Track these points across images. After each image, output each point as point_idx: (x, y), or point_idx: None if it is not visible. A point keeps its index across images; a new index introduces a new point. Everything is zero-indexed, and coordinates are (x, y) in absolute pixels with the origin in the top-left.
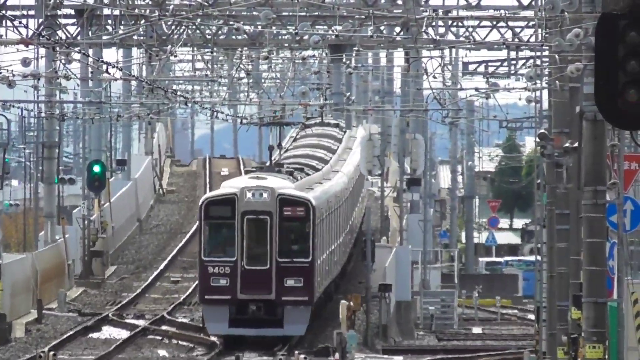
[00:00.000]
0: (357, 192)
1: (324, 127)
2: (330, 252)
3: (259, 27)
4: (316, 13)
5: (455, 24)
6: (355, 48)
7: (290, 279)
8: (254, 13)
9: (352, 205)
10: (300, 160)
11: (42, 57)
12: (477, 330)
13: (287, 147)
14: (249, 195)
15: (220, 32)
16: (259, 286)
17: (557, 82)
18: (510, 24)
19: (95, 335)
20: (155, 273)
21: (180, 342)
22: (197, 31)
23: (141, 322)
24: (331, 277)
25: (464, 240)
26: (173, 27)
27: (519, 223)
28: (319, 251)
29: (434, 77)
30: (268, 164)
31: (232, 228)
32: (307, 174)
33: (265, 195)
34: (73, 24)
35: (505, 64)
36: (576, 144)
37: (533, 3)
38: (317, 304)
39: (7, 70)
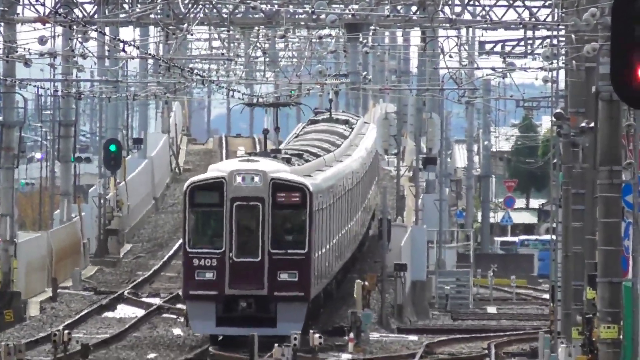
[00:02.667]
0: (370, 179)
1: (332, 123)
2: (331, 245)
3: (276, 5)
4: None
5: (471, 3)
6: (372, 27)
7: (284, 272)
8: None
9: (364, 194)
10: (300, 149)
11: (58, 35)
12: (492, 310)
13: (288, 141)
14: (238, 179)
15: (236, 10)
16: (250, 280)
17: (573, 62)
18: (527, 3)
19: (110, 313)
20: (171, 252)
21: None
22: (214, 10)
23: (156, 301)
24: (332, 273)
25: (479, 220)
26: (190, 5)
27: (535, 203)
28: (318, 242)
29: (450, 56)
30: (263, 149)
31: (220, 216)
32: (307, 161)
33: (256, 179)
34: (90, 2)
35: (522, 43)
36: (592, 124)
37: None
38: (314, 303)
39: (24, 48)
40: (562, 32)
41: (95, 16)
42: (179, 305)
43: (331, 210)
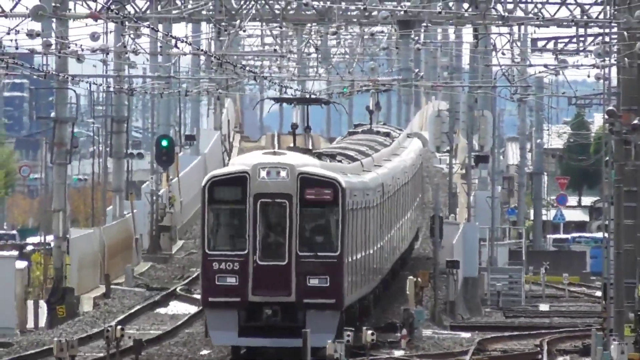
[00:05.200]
0: (413, 193)
1: (372, 134)
2: (366, 254)
3: (328, 2)
4: None
5: (523, 0)
6: (424, 24)
7: (314, 277)
8: None
9: (406, 206)
10: (334, 152)
11: (111, 31)
12: (544, 307)
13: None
14: (263, 173)
15: (289, 7)
16: (276, 286)
17: (625, 59)
18: (579, 0)
19: (162, 310)
20: None
21: None
22: (266, 6)
23: None
24: (370, 285)
25: (531, 218)
26: (242, 1)
27: (587, 200)
28: (352, 245)
29: (503, 53)
30: (292, 145)
31: (242, 214)
32: (340, 162)
33: (283, 173)
34: None
35: (574, 40)
36: None
37: None
38: (349, 313)
39: (76, 44)
40: (615, 30)
41: (148, 12)
42: None
43: (367, 214)
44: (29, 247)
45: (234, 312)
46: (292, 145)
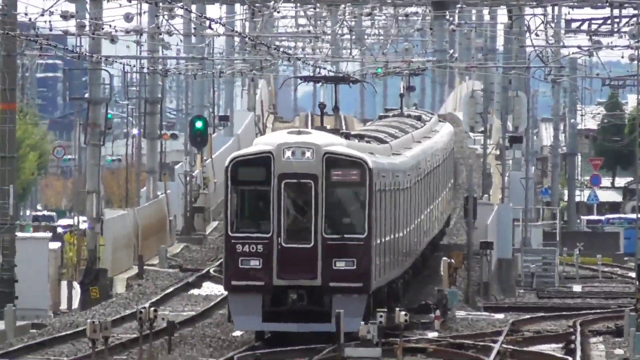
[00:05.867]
0: (444, 177)
1: (403, 117)
2: (396, 237)
3: None
4: None
5: None
6: (459, 5)
7: (341, 260)
8: None
9: (436, 189)
10: (363, 134)
11: (144, 12)
12: (577, 288)
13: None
14: (287, 153)
15: None
16: (301, 269)
17: None
18: None
19: (196, 291)
20: None
21: None
22: None
23: None
24: (399, 267)
25: (565, 198)
26: None
27: (620, 181)
28: (380, 228)
29: (537, 34)
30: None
31: (267, 195)
32: (368, 142)
33: (308, 154)
34: None
35: (608, 21)
36: None
37: None
38: (377, 296)
39: (110, 25)
40: None
41: None
42: None
43: (396, 195)
44: (60, 230)
45: (258, 296)
46: (321, 125)
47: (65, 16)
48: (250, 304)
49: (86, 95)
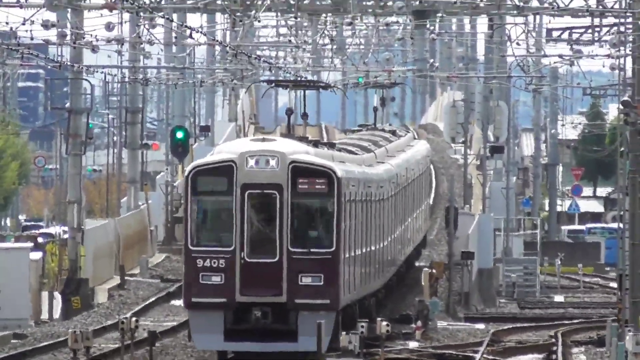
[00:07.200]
0: (420, 194)
1: (377, 131)
2: (371, 248)
3: None
4: None
5: None
6: (439, 14)
7: (307, 275)
8: None
9: (412, 205)
10: (333, 143)
11: (125, 21)
12: (559, 298)
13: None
14: (251, 162)
15: None
16: (265, 285)
17: None
18: None
19: (177, 301)
20: None
21: None
22: None
23: None
24: (372, 282)
25: (546, 208)
26: None
27: (602, 191)
28: (349, 241)
29: (518, 43)
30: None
31: (229, 206)
32: (339, 151)
33: (272, 162)
34: None
35: (589, 30)
36: None
37: None
38: (346, 313)
39: (91, 35)
40: (630, 20)
41: (162, 2)
42: None
43: (368, 206)
44: (40, 239)
45: (219, 313)
46: (298, 134)
47: (46, 25)
48: (212, 321)
49: (67, 105)
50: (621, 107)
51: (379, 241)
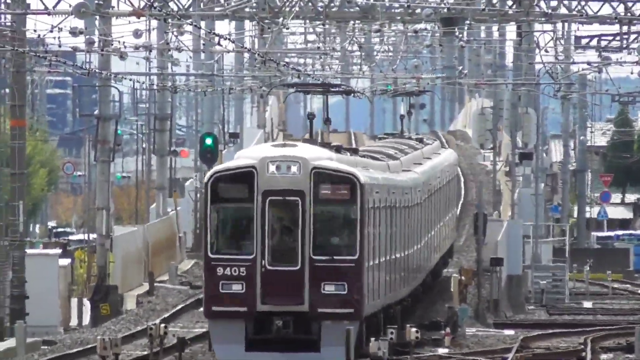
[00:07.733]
0: (446, 205)
1: (403, 139)
2: (396, 256)
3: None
4: None
5: None
6: (468, 21)
7: (330, 283)
8: None
9: (437, 215)
10: (359, 148)
11: (153, 29)
12: (587, 304)
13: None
14: (272, 168)
15: (332, 4)
16: (287, 293)
17: None
18: None
19: None
20: None
21: None
22: (309, 3)
23: None
24: (398, 290)
25: (575, 215)
26: None
27: (631, 197)
28: (373, 248)
29: (546, 50)
30: (307, 137)
31: (250, 214)
32: (363, 157)
33: (294, 168)
34: None
35: (618, 38)
36: None
37: None
38: (370, 322)
39: (119, 42)
40: None
41: (191, 9)
42: None
43: (391, 214)
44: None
45: (240, 323)
46: (310, 137)
47: (74, 32)
48: (232, 331)
49: (96, 112)
50: None
51: (404, 249)
